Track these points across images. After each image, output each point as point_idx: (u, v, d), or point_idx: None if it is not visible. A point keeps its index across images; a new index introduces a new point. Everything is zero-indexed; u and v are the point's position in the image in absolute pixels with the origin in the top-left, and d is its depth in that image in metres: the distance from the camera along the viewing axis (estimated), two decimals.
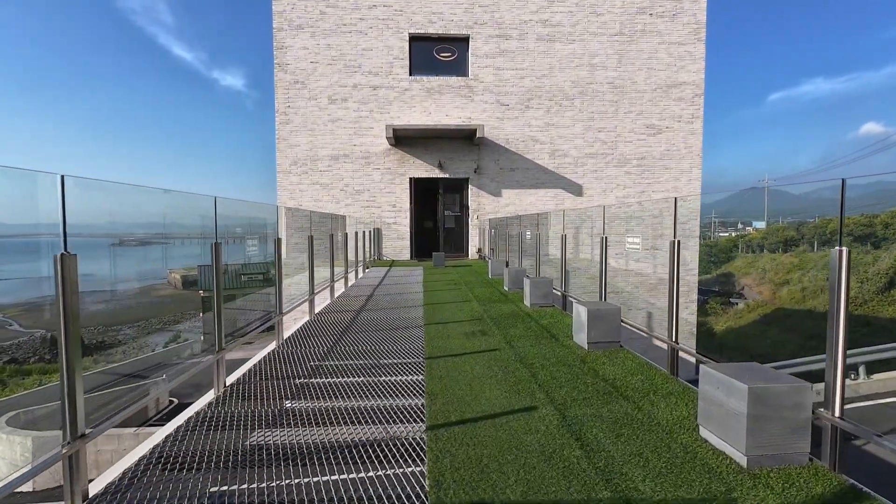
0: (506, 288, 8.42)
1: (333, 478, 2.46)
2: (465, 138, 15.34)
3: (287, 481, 2.43)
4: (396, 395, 3.63)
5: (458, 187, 15.80)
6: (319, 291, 8.52)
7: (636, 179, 15.82)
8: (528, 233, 8.75)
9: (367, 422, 3.16)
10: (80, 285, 2.25)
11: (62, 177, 2.09)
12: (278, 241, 5.62)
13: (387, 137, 14.20)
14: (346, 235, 10.98)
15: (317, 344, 5.28)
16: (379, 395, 3.64)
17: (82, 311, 2.22)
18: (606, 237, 5.60)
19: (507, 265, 10.27)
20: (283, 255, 5.86)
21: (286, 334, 5.62)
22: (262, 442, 2.88)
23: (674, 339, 4.34)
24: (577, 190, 15.74)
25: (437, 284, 9.53)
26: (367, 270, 12.48)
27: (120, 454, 8.18)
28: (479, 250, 15.62)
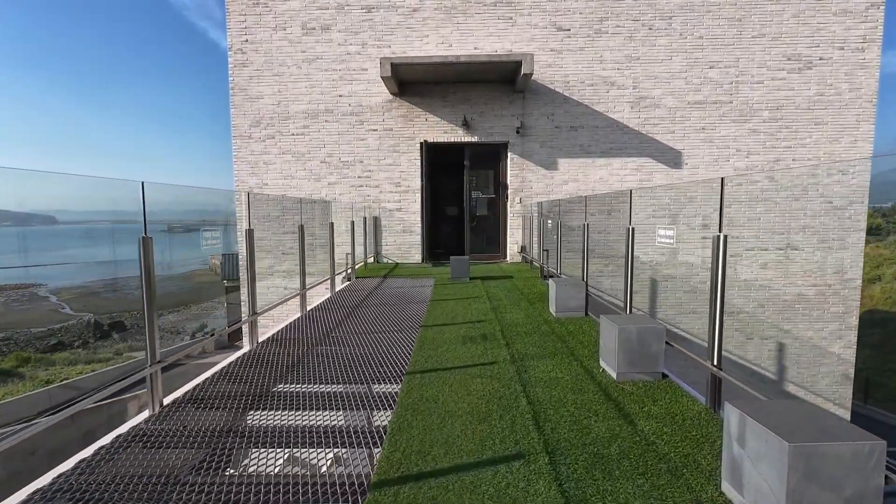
0: (605, 366, 3.44)
1: None
2: (504, 81, 10.24)
3: None
4: None
5: (492, 156, 10.76)
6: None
7: (767, 141, 10.28)
8: (666, 232, 3.63)
9: None
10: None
11: None
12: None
13: (382, 77, 9.28)
14: (306, 231, 6.27)
15: None
16: None
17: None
18: None
19: (586, 291, 5.23)
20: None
21: None
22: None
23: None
24: (673, 158, 10.38)
25: (443, 340, 4.61)
26: (339, 289, 7.73)
27: None
28: (523, 249, 10.59)
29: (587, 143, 10.38)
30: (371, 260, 10.62)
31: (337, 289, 7.53)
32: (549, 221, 7.57)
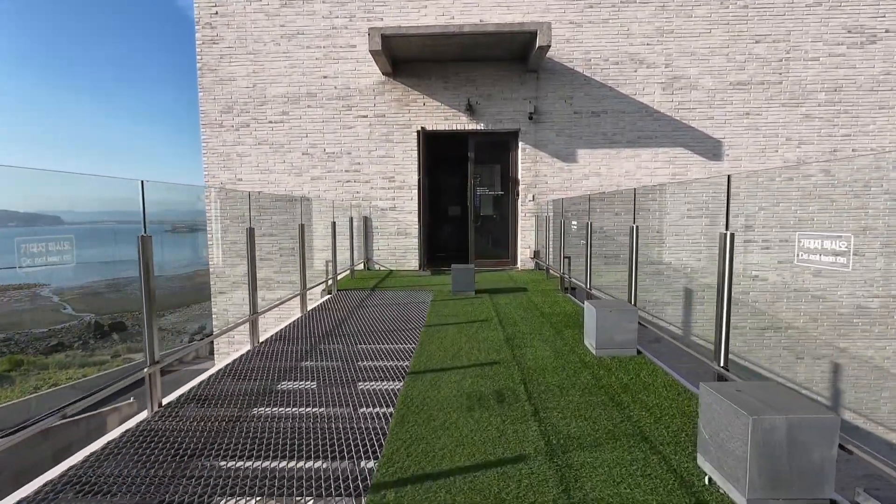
0: (714, 473, 2.01)
1: None
2: (514, 58, 8.80)
3: None
4: None
5: (500, 147, 9.32)
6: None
7: (822, 129, 8.80)
8: (829, 246, 2.13)
9: None
10: None
11: None
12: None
13: (372, 52, 7.86)
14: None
15: None
16: None
17: None
18: None
19: (638, 317, 3.80)
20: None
21: None
22: None
23: None
24: (711, 149, 8.91)
25: (438, 403, 3.17)
26: (314, 305, 6.27)
27: None
28: (537, 254, 9.14)
29: (611, 130, 8.92)
30: (361, 266, 9.20)
31: (312, 305, 6.10)
32: (575, 223, 6.13)
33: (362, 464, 2.23)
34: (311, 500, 1.96)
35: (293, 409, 2.90)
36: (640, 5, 8.67)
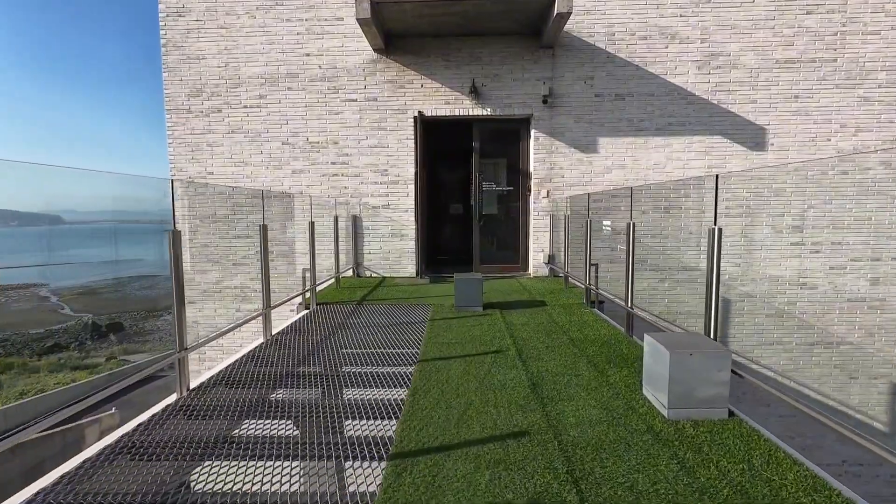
0: None
1: None
2: (526, 32, 7.59)
3: None
4: None
5: (509, 135, 8.12)
6: None
7: (883, 114, 7.61)
8: None
9: None
10: None
11: None
12: None
13: (360, 21, 6.65)
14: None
15: None
16: None
17: None
18: None
19: (731, 361, 2.56)
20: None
21: None
22: None
23: None
24: (753, 137, 7.71)
25: None
26: (282, 327, 5.05)
27: None
28: (551, 259, 7.94)
29: (638, 116, 7.72)
30: (350, 273, 8.02)
31: (279, 328, 4.90)
32: (608, 223, 4.93)
33: None
34: None
35: None
36: None
